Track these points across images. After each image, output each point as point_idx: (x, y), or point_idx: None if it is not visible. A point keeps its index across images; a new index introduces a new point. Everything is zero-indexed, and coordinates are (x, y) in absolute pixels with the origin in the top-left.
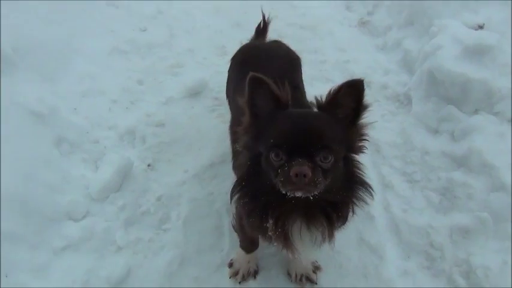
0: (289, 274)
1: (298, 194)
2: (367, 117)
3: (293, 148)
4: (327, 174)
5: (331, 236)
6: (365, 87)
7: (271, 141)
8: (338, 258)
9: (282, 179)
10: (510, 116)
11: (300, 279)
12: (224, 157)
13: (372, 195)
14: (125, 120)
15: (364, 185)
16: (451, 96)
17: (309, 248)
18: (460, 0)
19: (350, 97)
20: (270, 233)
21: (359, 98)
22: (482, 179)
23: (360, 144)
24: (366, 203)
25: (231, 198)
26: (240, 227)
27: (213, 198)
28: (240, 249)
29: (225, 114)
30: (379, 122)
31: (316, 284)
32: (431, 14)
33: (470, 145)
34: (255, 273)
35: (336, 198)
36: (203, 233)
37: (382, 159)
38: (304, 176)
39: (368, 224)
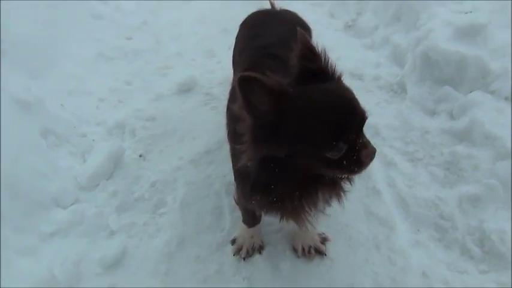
0: (295, 249)
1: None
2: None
3: (352, 133)
4: None
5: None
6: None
7: (321, 136)
8: (347, 231)
9: (352, 167)
10: (507, 94)
11: (309, 251)
12: (220, 144)
13: None
14: (113, 116)
15: None
16: (446, 76)
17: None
18: None
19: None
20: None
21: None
22: (487, 150)
23: None
24: None
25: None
26: (242, 201)
27: (211, 181)
28: (243, 224)
29: (218, 107)
30: (375, 109)
31: (325, 255)
32: (417, 9)
33: (471, 119)
34: (260, 249)
35: None
36: (202, 214)
37: (382, 140)
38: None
39: (375, 199)
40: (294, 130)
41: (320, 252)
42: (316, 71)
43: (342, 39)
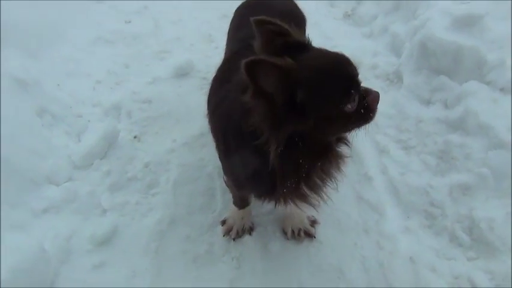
0: (284, 231)
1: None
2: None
3: (358, 81)
4: None
5: None
6: None
7: (335, 95)
8: (336, 215)
9: (366, 115)
10: (503, 85)
11: (298, 234)
12: None
13: None
14: (109, 98)
15: None
16: (442, 66)
17: None
18: None
19: None
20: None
21: None
22: (480, 140)
23: None
24: None
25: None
26: (231, 183)
27: (204, 163)
28: (233, 205)
29: None
30: None
31: (315, 237)
32: None
33: (465, 108)
34: (250, 230)
35: None
36: (194, 195)
37: (376, 128)
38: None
39: (366, 185)
40: (312, 97)
41: (309, 235)
42: (293, 43)
43: (341, 28)
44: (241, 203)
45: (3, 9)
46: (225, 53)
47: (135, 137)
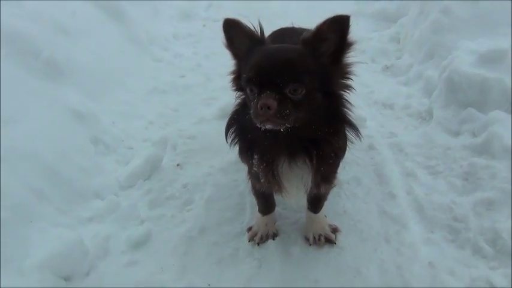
0: (306, 238)
1: (268, 126)
2: (352, 57)
3: (262, 81)
4: (298, 107)
5: (316, 176)
6: (350, 24)
7: (244, 76)
8: (359, 226)
9: (252, 112)
10: None
11: (319, 239)
12: None
13: (358, 135)
14: (158, 133)
15: (349, 124)
16: (469, 99)
17: (296, 187)
18: (475, 28)
19: (334, 33)
20: (255, 168)
21: (343, 34)
22: (505, 161)
23: (345, 82)
24: (351, 142)
25: (226, 139)
26: (252, 186)
27: (236, 183)
28: (258, 213)
29: None
30: (402, 131)
31: (335, 243)
32: (449, 45)
33: (490, 133)
34: (273, 236)
35: (316, 134)
36: (224, 209)
37: (405, 155)
38: (269, 107)
39: (390, 201)
40: (244, 68)
41: (330, 241)
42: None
43: (378, 78)
44: (264, 208)
45: (70, 52)
46: None
47: (177, 165)
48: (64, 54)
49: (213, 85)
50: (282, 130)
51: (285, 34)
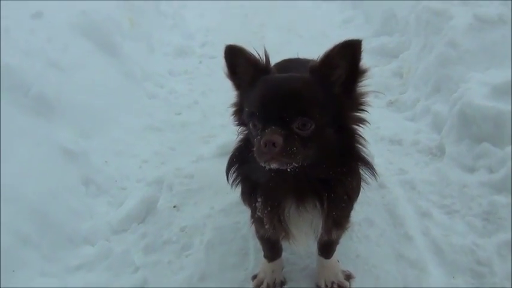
0: (318, 286)
1: (273, 165)
2: (365, 86)
3: (266, 115)
4: (307, 144)
5: (328, 221)
6: (362, 49)
7: (247, 109)
8: (375, 271)
9: (255, 149)
10: None
11: (332, 287)
12: None
13: (374, 174)
14: (153, 173)
15: (364, 162)
16: (484, 133)
17: (305, 234)
18: (484, 60)
19: (345, 59)
20: (258, 213)
21: (355, 60)
22: None
23: (359, 115)
24: (366, 182)
25: (227, 179)
26: (256, 230)
27: (239, 226)
28: (264, 259)
29: None
30: (413, 168)
31: None
32: (456, 78)
33: (509, 169)
34: (281, 284)
35: (327, 174)
36: (226, 255)
37: (418, 194)
38: (274, 144)
39: (406, 244)
40: (247, 100)
41: None
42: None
43: (384, 113)
44: (270, 254)
45: (62, 87)
46: None
47: (174, 207)
48: (55, 90)
49: (211, 122)
50: (288, 170)
51: (289, 65)
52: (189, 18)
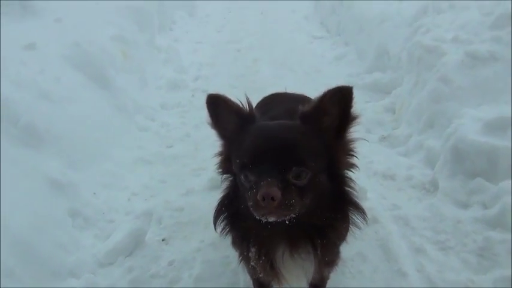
0: None
1: (271, 219)
2: (355, 132)
3: (260, 167)
4: (304, 193)
5: (320, 264)
6: (353, 96)
7: (237, 161)
8: None
9: (251, 203)
10: None
11: None
12: None
13: (365, 219)
14: (142, 206)
15: (355, 206)
16: (477, 169)
17: (297, 277)
18: (476, 96)
19: (336, 106)
20: (252, 263)
21: (347, 107)
22: None
23: (349, 160)
24: (358, 227)
25: (215, 228)
26: (247, 271)
27: (229, 260)
28: None
29: None
30: (406, 203)
31: None
32: (449, 114)
33: (503, 205)
34: None
35: (321, 220)
36: None
37: (411, 230)
38: (272, 198)
39: (400, 280)
40: (235, 150)
41: None
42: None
43: (376, 149)
44: None
45: (52, 119)
46: None
47: (163, 240)
48: (45, 121)
49: (202, 155)
50: (286, 221)
51: (276, 100)
52: (183, 52)
